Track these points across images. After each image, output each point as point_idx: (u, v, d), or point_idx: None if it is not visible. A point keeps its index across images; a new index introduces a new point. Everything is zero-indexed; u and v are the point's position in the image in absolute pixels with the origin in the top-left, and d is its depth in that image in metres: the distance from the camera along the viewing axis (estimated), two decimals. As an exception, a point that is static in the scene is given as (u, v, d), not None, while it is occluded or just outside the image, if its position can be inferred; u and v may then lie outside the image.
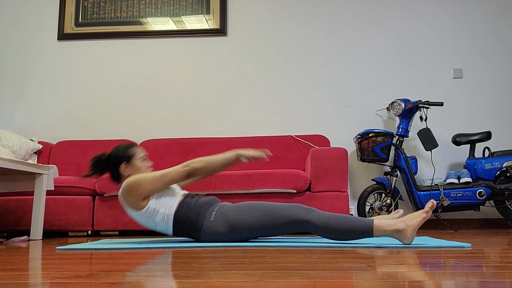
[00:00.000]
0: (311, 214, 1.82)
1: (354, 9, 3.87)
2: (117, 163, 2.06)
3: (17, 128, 3.85)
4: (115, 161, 2.06)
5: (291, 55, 3.85)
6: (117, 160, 2.06)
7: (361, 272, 1.03)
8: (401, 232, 1.72)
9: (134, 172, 2.06)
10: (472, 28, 3.76)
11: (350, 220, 1.78)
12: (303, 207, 1.86)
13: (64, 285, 0.89)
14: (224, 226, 1.92)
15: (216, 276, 0.99)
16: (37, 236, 2.62)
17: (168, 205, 1.97)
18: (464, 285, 0.85)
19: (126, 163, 2.06)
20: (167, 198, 1.99)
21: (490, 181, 3.14)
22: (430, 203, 1.74)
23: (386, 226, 1.74)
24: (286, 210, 1.86)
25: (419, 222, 1.72)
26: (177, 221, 1.97)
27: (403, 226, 1.73)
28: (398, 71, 3.76)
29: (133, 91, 3.90)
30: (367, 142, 3.24)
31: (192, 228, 1.97)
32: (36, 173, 2.68)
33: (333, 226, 1.77)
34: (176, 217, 1.96)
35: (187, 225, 1.96)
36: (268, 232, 1.91)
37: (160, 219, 1.96)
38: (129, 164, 2.06)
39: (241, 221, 1.90)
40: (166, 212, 1.96)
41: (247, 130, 3.72)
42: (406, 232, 1.72)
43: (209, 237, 1.97)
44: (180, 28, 3.95)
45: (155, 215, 1.96)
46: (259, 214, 1.90)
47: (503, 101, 3.65)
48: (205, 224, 1.95)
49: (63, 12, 4.01)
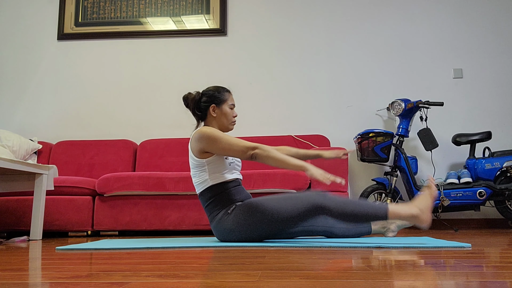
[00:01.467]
0: (325, 198, 1.84)
1: (354, 9, 3.87)
2: (208, 103, 2.10)
3: (17, 128, 3.84)
4: (205, 100, 2.11)
5: (291, 55, 3.85)
6: (208, 100, 2.11)
7: (361, 272, 1.03)
8: (417, 217, 1.74)
9: (220, 116, 2.11)
10: (472, 28, 3.76)
11: (365, 204, 1.81)
12: (317, 192, 1.88)
13: (64, 285, 0.89)
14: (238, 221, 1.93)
15: (216, 276, 0.99)
16: (37, 236, 2.62)
17: (214, 174, 2.02)
18: (464, 285, 0.85)
19: (216, 106, 2.10)
20: (219, 169, 2.03)
21: (490, 181, 3.14)
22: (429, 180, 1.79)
23: (401, 211, 1.75)
24: (302, 197, 1.88)
25: (431, 201, 1.75)
26: (207, 192, 2.03)
27: (417, 211, 1.74)
28: (398, 71, 3.76)
29: (133, 91, 3.90)
30: (367, 142, 3.24)
31: (210, 209, 2.03)
32: (36, 173, 2.68)
33: (348, 210, 1.79)
34: (209, 188, 2.02)
35: (209, 202, 2.02)
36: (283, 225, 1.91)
37: (200, 176, 2.04)
38: (218, 108, 2.11)
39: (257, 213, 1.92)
40: (207, 178, 2.02)
41: (247, 130, 3.72)
42: (422, 216, 1.74)
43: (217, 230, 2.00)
44: (180, 28, 3.95)
45: (201, 171, 2.03)
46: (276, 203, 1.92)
47: (503, 101, 3.65)
48: (220, 214, 1.99)
49: (63, 12, 4.01)
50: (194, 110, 2.14)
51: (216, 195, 2.02)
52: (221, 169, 2.05)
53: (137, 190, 2.91)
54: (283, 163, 1.89)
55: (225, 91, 2.16)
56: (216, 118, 2.12)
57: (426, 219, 1.73)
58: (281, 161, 1.90)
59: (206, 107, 2.11)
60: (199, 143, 2.00)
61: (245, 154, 1.94)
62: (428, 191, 1.76)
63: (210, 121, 2.13)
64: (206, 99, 2.12)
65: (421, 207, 1.74)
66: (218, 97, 2.12)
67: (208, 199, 2.03)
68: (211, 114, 2.12)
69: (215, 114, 2.11)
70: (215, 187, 2.02)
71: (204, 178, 2.03)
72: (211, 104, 2.11)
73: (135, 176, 2.94)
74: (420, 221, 1.74)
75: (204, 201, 2.07)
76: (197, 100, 2.12)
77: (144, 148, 3.59)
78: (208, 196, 2.03)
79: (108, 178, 2.94)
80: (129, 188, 2.91)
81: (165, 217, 2.90)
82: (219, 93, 2.13)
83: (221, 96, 2.13)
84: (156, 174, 2.95)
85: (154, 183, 2.90)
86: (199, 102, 2.12)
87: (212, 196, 2.02)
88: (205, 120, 2.15)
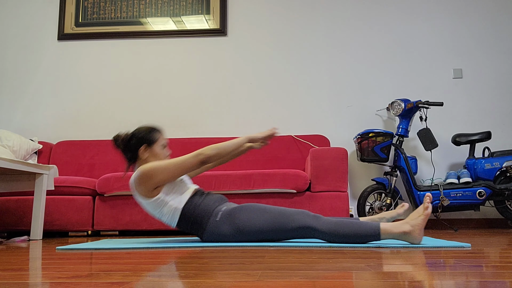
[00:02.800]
0: (318, 221, 1.82)
1: (354, 9, 3.87)
2: (138, 144, 2.03)
3: (17, 128, 3.85)
4: (135, 142, 2.04)
5: (291, 55, 3.85)
6: (138, 141, 2.04)
7: (361, 272, 1.03)
8: (409, 234, 1.74)
9: (151, 157, 2.04)
10: (472, 28, 3.76)
11: (357, 225, 1.78)
12: (310, 214, 1.85)
13: (64, 285, 0.89)
14: (229, 228, 1.92)
15: (216, 276, 0.99)
16: (37, 236, 2.62)
17: (177, 199, 1.97)
18: (464, 285, 0.85)
19: (146, 146, 2.04)
20: (178, 192, 1.98)
21: (490, 181, 3.14)
22: (427, 198, 1.77)
23: (393, 229, 1.75)
24: (294, 215, 1.85)
25: (424, 220, 1.74)
26: (183, 217, 1.96)
27: (409, 227, 1.74)
28: (398, 71, 3.76)
29: (133, 91, 3.90)
30: (367, 142, 3.24)
31: (197, 225, 1.96)
32: (36, 173, 2.68)
33: (340, 232, 1.78)
34: (183, 213, 1.95)
35: (192, 222, 1.96)
36: (274, 236, 1.91)
37: (167, 211, 1.96)
38: (149, 148, 2.04)
39: (248, 223, 1.89)
40: (174, 206, 1.95)
41: (247, 130, 3.72)
42: (413, 233, 1.73)
43: (211, 237, 1.96)
44: (180, 28, 3.95)
45: (163, 206, 1.96)
46: (268, 217, 1.89)
47: (503, 101, 3.66)
48: (210, 223, 1.94)
49: (63, 12, 4.01)
50: (124, 151, 2.07)
51: (194, 212, 1.95)
52: (180, 188, 2.00)
53: (137, 190, 2.91)
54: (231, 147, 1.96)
55: (155, 131, 2.08)
56: (147, 159, 2.04)
57: (417, 236, 1.74)
58: (228, 147, 1.96)
59: (136, 148, 2.03)
60: (145, 183, 1.90)
61: (195, 163, 1.92)
62: (423, 210, 1.76)
63: (140, 164, 2.05)
64: (135, 140, 2.04)
65: (413, 224, 1.74)
66: (148, 137, 2.04)
67: (189, 220, 1.96)
68: (141, 156, 2.04)
69: (147, 154, 2.04)
70: (187, 206, 1.95)
71: (172, 208, 1.95)
72: (142, 144, 2.03)
73: (135, 176, 2.93)
74: (412, 238, 1.74)
75: (186, 225, 1.98)
76: (126, 141, 2.05)
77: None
78: (187, 218, 1.95)
79: (108, 178, 2.94)
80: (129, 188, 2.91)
81: (165, 217, 2.90)
82: (149, 134, 2.06)
83: (151, 136, 2.05)
84: (156, 174, 2.95)
85: (154, 183, 2.90)
86: (129, 143, 2.05)
87: (191, 215, 1.95)
88: (135, 162, 2.07)
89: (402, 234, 1.74)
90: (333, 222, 1.81)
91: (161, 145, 2.08)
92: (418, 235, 1.73)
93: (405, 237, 1.74)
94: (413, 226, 1.74)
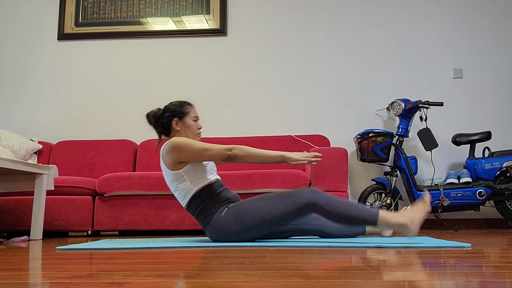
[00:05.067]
0: (319, 195, 1.85)
1: (354, 9, 3.87)
2: (170, 117, 2.11)
3: (17, 128, 3.85)
4: (168, 115, 2.12)
5: (291, 55, 3.85)
6: (170, 114, 2.12)
7: (361, 272, 1.03)
8: (405, 227, 1.78)
9: (184, 129, 2.12)
10: (472, 28, 3.76)
11: (356, 207, 1.82)
12: (311, 189, 1.89)
13: (64, 285, 0.89)
14: (233, 223, 1.93)
15: (216, 276, 0.99)
16: (37, 236, 2.62)
17: (196, 181, 2.01)
18: (464, 285, 0.85)
19: (178, 119, 2.11)
20: (199, 174, 2.03)
21: (490, 181, 3.14)
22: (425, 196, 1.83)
23: (391, 219, 1.79)
24: (295, 194, 1.89)
25: (423, 216, 1.79)
26: (194, 200, 2.01)
27: (408, 221, 1.78)
28: (398, 71, 3.76)
29: (133, 91, 3.90)
30: (367, 142, 3.24)
31: (203, 215, 2.00)
32: (36, 173, 2.68)
33: (340, 210, 1.81)
34: (195, 196, 2.00)
35: (200, 209, 2.00)
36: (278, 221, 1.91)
37: (182, 188, 2.02)
38: (181, 121, 2.12)
39: (252, 212, 1.92)
40: (190, 186, 2.01)
41: (247, 130, 3.72)
42: (410, 226, 1.77)
43: (213, 233, 1.98)
44: (180, 28, 3.95)
45: (180, 182, 2.02)
46: (270, 202, 1.92)
47: (503, 101, 3.65)
48: (214, 217, 1.97)
49: (63, 12, 4.01)
50: (156, 125, 2.15)
51: (204, 200, 2.00)
52: (201, 173, 2.04)
53: (137, 190, 2.91)
54: (262, 157, 1.94)
55: (187, 105, 2.17)
56: (180, 132, 2.12)
57: (414, 229, 1.78)
58: (259, 156, 1.94)
59: (169, 121, 2.12)
60: (172, 154, 1.98)
61: (223, 156, 1.96)
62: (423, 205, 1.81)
63: (174, 135, 2.13)
64: (167, 113, 2.13)
65: (411, 217, 1.78)
66: (180, 110, 2.13)
67: (198, 206, 2.01)
68: (174, 129, 2.12)
69: (179, 127, 2.12)
70: (201, 192, 2.00)
71: (187, 187, 2.01)
72: (174, 118, 2.12)
73: (135, 176, 2.94)
74: (408, 231, 1.78)
75: (194, 210, 2.03)
76: (158, 116, 2.14)
77: (144, 148, 3.59)
78: (197, 203, 2.01)
79: (108, 178, 2.95)
80: (129, 188, 2.91)
81: (165, 217, 2.90)
82: (181, 107, 2.15)
83: (183, 109, 2.14)
84: (156, 174, 2.95)
85: (154, 183, 2.91)
86: (161, 118, 2.14)
87: (201, 203, 2.00)
88: (169, 135, 2.16)
89: (399, 225, 1.78)
90: (334, 199, 1.84)
91: (192, 117, 2.14)
92: (414, 229, 1.78)
93: (401, 228, 1.79)
94: (411, 220, 1.78)
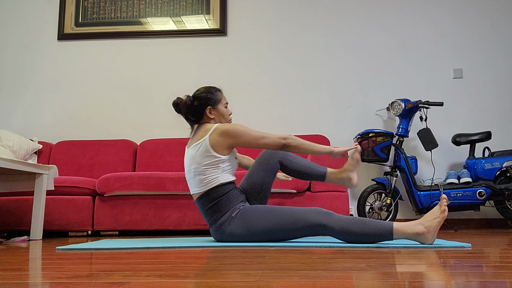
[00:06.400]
0: (330, 218, 1.81)
1: (354, 9, 3.87)
2: (202, 106, 2.07)
3: (17, 128, 3.85)
4: (199, 103, 2.08)
5: (291, 55, 3.85)
6: (202, 103, 2.08)
7: (361, 272, 1.03)
8: (422, 235, 1.71)
9: (218, 116, 2.10)
10: (473, 28, 3.76)
11: (369, 223, 1.76)
12: (322, 211, 1.84)
13: (64, 285, 0.89)
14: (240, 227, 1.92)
15: (216, 276, 0.99)
16: (37, 236, 2.62)
17: (225, 173, 1.99)
18: (464, 285, 0.85)
19: (211, 107, 2.08)
20: (231, 168, 2.03)
21: (490, 181, 3.14)
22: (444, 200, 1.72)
23: (406, 229, 1.72)
24: (306, 214, 1.85)
25: (439, 222, 1.71)
26: (212, 192, 1.97)
27: (423, 229, 1.71)
28: (398, 71, 3.76)
29: (133, 91, 3.90)
30: (367, 142, 3.24)
31: (213, 211, 1.97)
32: (36, 173, 2.68)
33: (352, 229, 1.76)
34: (216, 188, 1.97)
35: (213, 204, 1.97)
36: (284, 236, 1.90)
37: (210, 173, 1.97)
38: (214, 109, 2.09)
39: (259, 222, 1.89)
40: (218, 176, 1.97)
41: (247, 130, 3.72)
42: (427, 234, 1.71)
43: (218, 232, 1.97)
44: (180, 28, 3.95)
45: (215, 167, 1.97)
46: (279, 215, 1.89)
47: (503, 101, 3.66)
48: (224, 217, 1.95)
49: (63, 12, 4.01)
50: (187, 115, 2.10)
51: (221, 196, 1.96)
52: (232, 168, 2.04)
53: (137, 190, 2.91)
54: (311, 150, 1.98)
55: (217, 91, 2.13)
56: (215, 119, 2.10)
57: (430, 238, 1.71)
58: (309, 148, 1.97)
59: (202, 110, 2.08)
60: (230, 138, 1.96)
61: (278, 144, 1.96)
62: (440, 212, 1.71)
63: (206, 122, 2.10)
64: (199, 102, 2.08)
65: (428, 226, 1.71)
66: (212, 98, 2.09)
67: (212, 200, 1.97)
68: (208, 117, 2.09)
69: (213, 115, 2.09)
70: (223, 186, 1.97)
71: (214, 176, 1.97)
72: (207, 106, 2.08)
73: (135, 176, 2.94)
74: (425, 239, 1.71)
75: (206, 203, 1.98)
76: (189, 105, 2.08)
77: (144, 148, 3.59)
78: (213, 197, 1.96)
79: (108, 178, 2.94)
80: (129, 188, 2.91)
81: (165, 217, 2.90)
82: (212, 94, 2.10)
83: (215, 96, 2.10)
84: (156, 174, 2.95)
85: (154, 183, 2.91)
86: (192, 106, 2.09)
87: (217, 197, 1.96)
88: (199, 122, 2.12)
89: (415, 235, 1.72)
90: (345, 220, 1.79)
91: (224, 104, 2.13)
92: (431, 237, 1.71)
93: (418, 237, 1.72)
94: (427, 228, 1.71)
